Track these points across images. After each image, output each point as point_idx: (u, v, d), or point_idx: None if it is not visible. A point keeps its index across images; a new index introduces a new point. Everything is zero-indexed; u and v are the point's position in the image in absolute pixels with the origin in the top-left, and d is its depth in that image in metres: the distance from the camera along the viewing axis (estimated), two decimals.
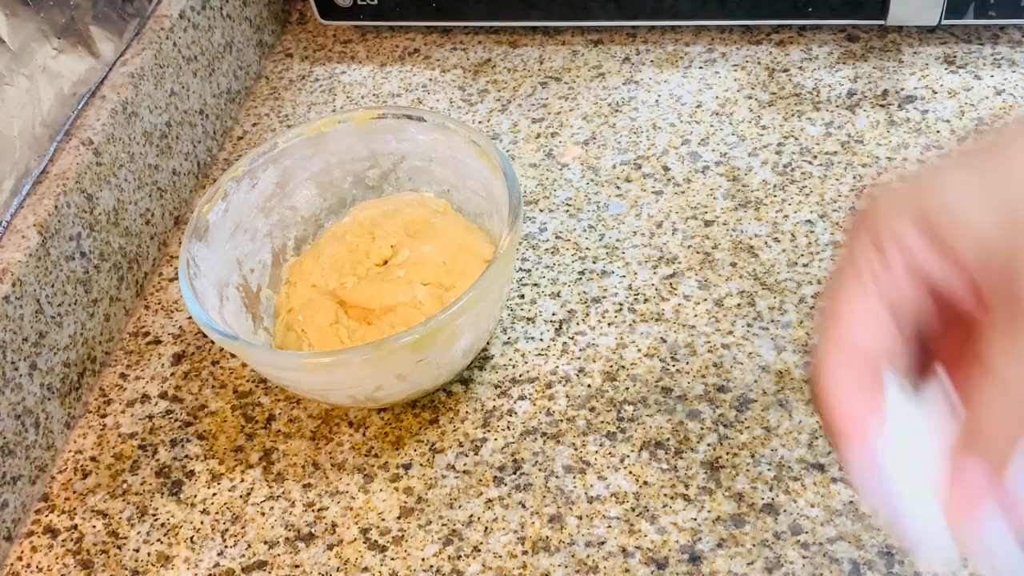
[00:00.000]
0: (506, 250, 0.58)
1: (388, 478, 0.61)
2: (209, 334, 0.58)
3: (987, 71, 0.80)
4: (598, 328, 0.67)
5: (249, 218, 0.67)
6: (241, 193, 0.67)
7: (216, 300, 0.63)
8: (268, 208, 0.68)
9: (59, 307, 0.65)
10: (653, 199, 0.75)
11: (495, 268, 0.57)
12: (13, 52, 0.65)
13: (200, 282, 0.62)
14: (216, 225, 0.65)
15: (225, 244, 0.66)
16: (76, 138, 0.69)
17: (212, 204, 0.65)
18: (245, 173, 0.67)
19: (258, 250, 0.68)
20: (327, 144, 0.69)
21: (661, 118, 0.81)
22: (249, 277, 0.67)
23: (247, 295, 0.66)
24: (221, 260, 0.65)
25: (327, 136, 0.68)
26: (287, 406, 0.66)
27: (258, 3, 0.92)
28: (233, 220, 0.66)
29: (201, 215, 0.64)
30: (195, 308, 0.59)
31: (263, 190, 0.68)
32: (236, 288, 0.66)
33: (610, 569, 0.55)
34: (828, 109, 0.79)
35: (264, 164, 0.67)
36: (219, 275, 0.64)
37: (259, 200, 0.68)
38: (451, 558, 0.57)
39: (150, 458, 0.65)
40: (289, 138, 0.68)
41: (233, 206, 0.66)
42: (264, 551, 0.59)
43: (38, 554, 0.61)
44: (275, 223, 0.69)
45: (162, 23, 0.79)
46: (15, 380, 0.61)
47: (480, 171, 0.65)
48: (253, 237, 0.68)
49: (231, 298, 0.65)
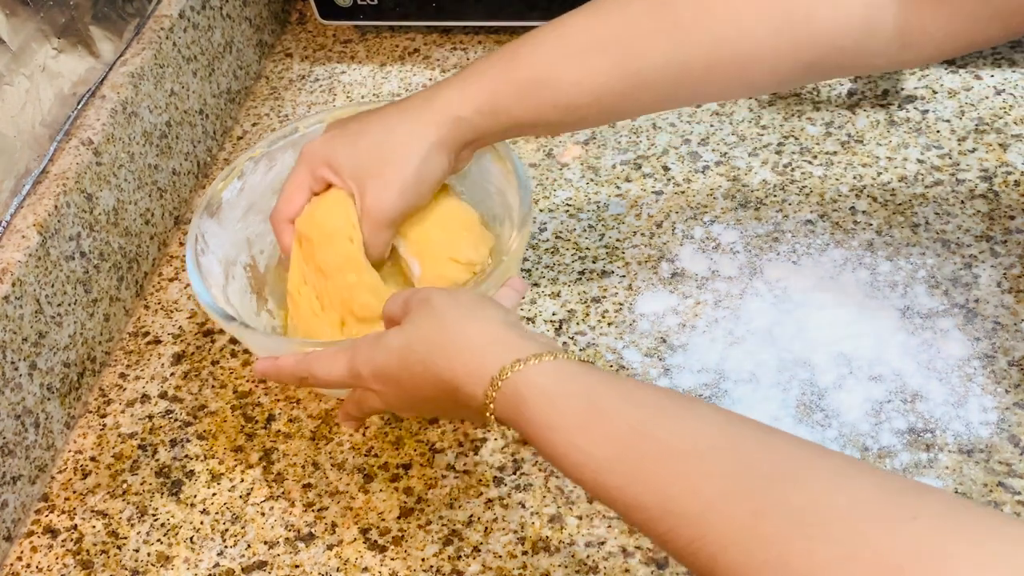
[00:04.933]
0: (514, 251, 0.58)
1: (388, 478, 0.61)
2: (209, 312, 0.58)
3: (987, 71, 0.80)
4: (598, 328, 0.67)
5: (264, 199, 0.67)
6: (258, 174, 0.67)
7: (222, 277, 0.63)
8: None
9: (59, 307, 0.65)
10: (653, 199, 0.75)
11: (501, 269, 0.57)
12: (13, 52, 0.65)
13: (207, 258, 0.62)
14: (230, 203, 0.65)
15: (237, 223, 0.66)
16: (76, 138, 0.69)
17: (227, 182, 0.65)
18: (263, 155, 0.67)
19: (270, 231, 0.68)
20: None
21: (661, 118, 0.81)
22: (258, 258, 0.67)
23: (254, 275, 0.67)
24: (231, 238, 0.65)
25: None
26: (287, 406, 0.66)
27: (258, 3, 0.92)
28: (248, 199, 0.67)
29: (215, 192, 0.64)
30: (198, 285, 0.59)
31: (280, 172, 0.68)
32: (244, 268, 0.66)
33: (610, 569, 0.55)
34: (828, 109, 0.79)
35: (284, 147, 0.68)
36: (227, 253, 0.65)
37: (275, 182, 0.68)
38: (451, 558, 0.57)
39: (150, 458, 0.65)
40: (310, 123, 0.68)
41: (249, 186, 0.66)
42: (264, 551, 0.59)
43: (38, 554, 0.61)
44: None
45: (162, 23, 0.79)
46: (15, 380, 0.61)
47: (494, 173, 0.65)
48: (266, 218, 0.68)
49: (237, 277, 0.65)
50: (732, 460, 0.38)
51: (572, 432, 0.42)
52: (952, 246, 0.68)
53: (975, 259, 0.67)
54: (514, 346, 0.46)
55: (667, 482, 0.39)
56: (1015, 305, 0.64)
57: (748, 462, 0.37)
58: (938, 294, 0.65)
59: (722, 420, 0.40)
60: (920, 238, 0.69)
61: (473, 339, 0.47)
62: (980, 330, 0.63)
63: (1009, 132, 0.75)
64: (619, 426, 0.41)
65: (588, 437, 0.42)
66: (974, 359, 0.61)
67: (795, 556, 0.34)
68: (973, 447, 0.57)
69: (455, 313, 0.49)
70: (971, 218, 0.69)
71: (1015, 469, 0.56)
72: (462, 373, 0.47)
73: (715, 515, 0.36)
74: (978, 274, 0.66)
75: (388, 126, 0.59)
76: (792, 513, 0.35)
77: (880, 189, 0.72)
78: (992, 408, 0.59)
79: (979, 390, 0.60)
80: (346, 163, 0.59)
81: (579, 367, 0.45)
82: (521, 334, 0.47)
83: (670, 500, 0.38)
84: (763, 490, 0.36)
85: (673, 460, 0.39)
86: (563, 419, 0.43)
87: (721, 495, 0.37)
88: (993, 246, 0.67)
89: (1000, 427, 0.58)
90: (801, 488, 0.35)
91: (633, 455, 0.40)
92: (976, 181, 0.72)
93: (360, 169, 0.59)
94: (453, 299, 0.50)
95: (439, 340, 0.48)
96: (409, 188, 0.58)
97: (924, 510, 0.33)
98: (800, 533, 0.34)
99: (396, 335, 0.50)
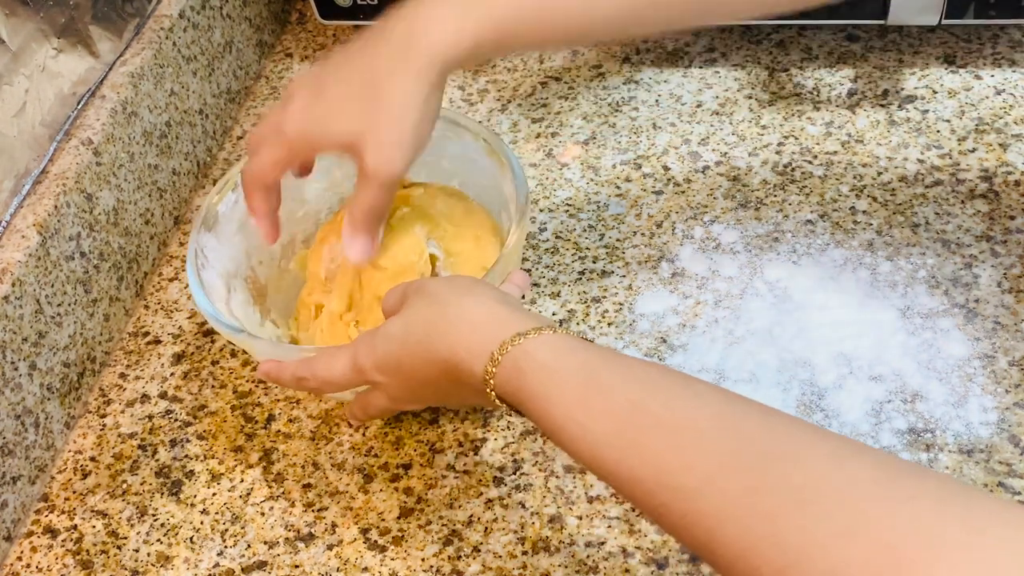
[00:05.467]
0: (512, 247, 0.58)
1: (388, 478, 0.61)
2: (216, 327, 0.58)
3: (987, 71, 0.80)
4: (598, 328, 0.67)
5: None
6: None
7: (224, 291, 0.63)
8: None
9: (59, 307, 0.65)
10: (653, 199, 0.75)
11: (500, 266, 0.57)
12: (13, 52, 0.65)
13: (208, 273, 0.62)
14: (225, 216, 0.65)
15: (234, 236, 0.66)
16: (76, 138, 0.69)
17: (222, 195, 0.65)
18: None
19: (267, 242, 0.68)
20: None
21: (661, 118, 0.81)
22: (257, 269, 0.67)
23: (255, 287, 0.67)
24: (229, 252, 0.65)
25: None
26: (287, 406, 0.66)
27: (258, 3, 0.92)
28: (243, 212, 0.66)
29: (211, 205, 0.64)
30: (202, 300, 0.59)
31: None
32: (244, 280, 0.66)
33: (610, 569, 0.55)
34: (828, 109, 0.79)
35: None
36: (227, 266, 0.64)
37: None
38: (451, 558, 0.57)
39: (150, 458, 0.65)
40: None
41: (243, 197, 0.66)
42: (264, 551, 0.59)
43: (38, 554, 0.61)
44: (285, 215, 0.69)
45: (162, 23, 0.79)
46: (15, 380, 0.61)
47: (489, 168, 0.65)
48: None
49: (239, 289, 0.65)
50: (730, 437, 0.38)
51: (570, 406, 0.42)
52: (952, 246, 0.68)
53: (975, 259, 0.67)
54: (513, 321, 0.46)
55: (664, 456, 0.39)
56: (1015, 305, 0.64)
57: (746, 439, 0.37)
58: (938, 294, 0.65)
59: (721, 398, 0.41)
60: (920, 238, 0.69)
61: (471, 317, 0.48)
62: (980, 330, 0.63)
63: (1009, 132, 0.75)
64: (617, 400, 0.41)
65: (586, 411, 0.42)
66: (974, 359, 0.61)
67: (791, 532, 0.34)
68: (973, 447, 0.57)
69: (451, 295, 0.49)
70: (971, 218, 0.69)
71: (1015, 469, 0.56)
72: (462, 350, 0.47)
73: (712, 489, 0.37)
74: (978, 274, 0.66)
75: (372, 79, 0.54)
76: (790, 490, 0.35)
77: (880, 189, 0.72)
78: (992, 408, 0.59)
79: (979, 390, 0.60)
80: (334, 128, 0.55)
81: (578, 342, 0.45)
82: (519, 310, 0.48)
83: (666, 474, 0.38)
84: (761, 467, 0.36)
85: (670, 435, 0.39)
86: (561, 393, 0.43)
87: (719, 470, 0.37)
88: (993, 246, 0.67)
89: (1000, 427, 0.58)
90: (800, 466, 0.35)
91: (630, 429, 0.40)
92: (976, 181, 0.72)
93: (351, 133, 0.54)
94: (448, 283, 0.51)
95: (437, 320, 0.48)
96: (409, 143, 0.54)
97: (922, 491, 0.33)
98: (797, 510, 0.34)
99: (394, 322, 0.51)
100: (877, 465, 0.35)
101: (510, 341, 0.45)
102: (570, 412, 0.42)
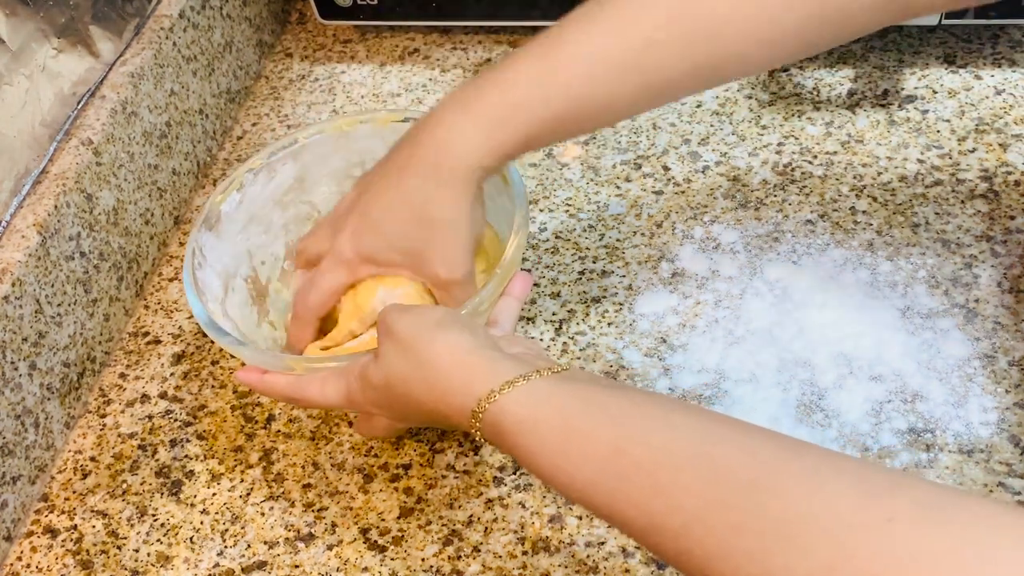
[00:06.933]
0: (512, 256, 0.58)
1: (388, 478, 0.61)
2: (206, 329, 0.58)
3: (987, 71, 0.80)
4: (598, 328, 0.67)
5: (265, 211, 0.67)
6: (258, 185, 0.67)
7: (220, 291, 0.63)
8: (285, 202, 0.69)
9: (59, 307, 0.65)
10: (653, 199, 0.75)
11: (500, 276, 0.57)
12: (13, 52, 0.65)
13: (204, 272, 0.62)
14: (229, 216, 0.65)
15: (237, 235, 0.66)
16: (76, 138, 0.69)
17: (226, 195, 0.65)
18: (263, 166, 0.67)
19: (271, 243, 0.68)
20: (348, 143, 0.69)
21: (661, 118, 0.81)
22: (259, 269, 0.67)
23: (256, 287, 0.66)
24: (231, 251, 0.65)
25: (349, 135, 0.69)
26: (287, 406, 0.66)
27: (258, 3, 0.92)
28: (248, 212, 0.66)
29: (214, 205, 0.64)
30: (193, 300, 0.59)
31: (281, 184, 0.68)
32: (244, 280, 0.66)
33: (610, 569, 0.55)
34: (828, 109, 0.79)
35: (283, 158, 0.68)
36: (227, 266, 0.64)
37: (276, 193, 0.68)
38: (451, 558, 0.57)
39: (150, 458, 0.65)
40: (310, 134, 0.68)
41: (248, 198, 0.66)
42: (264, 551, 0.59)
43: (38, 554, 0.61)
44: (291, 217, 0.69)
45: (162, 23, 0.79)
46: (15, 380, 0.61)
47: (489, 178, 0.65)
48: (267, 229, 0.68)
49: (238, 289, 0.65)
50: (709, 470, 0.38)
51: (553, 456, 0.43)
52: (952, 246, 0.68)
53: (975, 259, 0.67)
54: (485, 374, 0.47)
55: (647, 498, 0.40)
56: (1015, 305, 0.64)
57: (725, 470, 0.38)
58: (938, 294, 0.65)
59: (697, 425, 0.41)
60: (920, 238, 0.69)
61: (446, 373, 0.48)
62: (980, 330, 0.63)
63: (1009, 132, 0.75)
64: (596, 446, 0.42)
65: (568, 459, 0.43)
66: (974, 359, 0.61)
67: (777, 571, 0.35)
68: (973, 447, 0.57)
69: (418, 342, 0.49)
70: (971, 218, 0.69)
71: (1015, 469, 0.56)
72: (443, 407, 0.48)
73: (698, 529, 0.37)
74: (978, 274, 0.66)
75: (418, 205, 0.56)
76: (770, 525, 0.36)
77: (880, 189, 0.72)
78: (992, 408, 0.59)
79: (979, 390, 0.60)
80: (389, 254, 0.58)
81: (552, 386, 0.45)
82: (491, 356, 0.48)
83: (653, 515, 0.39)
84: (741, 501, 0.37)
85: (651, 476, 0.40)
86: (542, 444, 0.44)
87: (703, 508, 0.38)
88: (993, 246, 0.67)
89: (1000, 427, 0.58)
90: (777, 496, 0.36)
91: (613, 473, 0.41)
92: (976, 181, 0.72)
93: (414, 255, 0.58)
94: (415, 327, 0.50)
95: (415, 377, 0.49)
96: (468, 247, 0.58)
97: (899, 510, 0.34)
98: (779, 548, 0.35)
99: (376, 372, 0.51)
100: (855, 484, 0.36)
101: (486, 399, 0.45)
102: (554, 462, 0.43)
